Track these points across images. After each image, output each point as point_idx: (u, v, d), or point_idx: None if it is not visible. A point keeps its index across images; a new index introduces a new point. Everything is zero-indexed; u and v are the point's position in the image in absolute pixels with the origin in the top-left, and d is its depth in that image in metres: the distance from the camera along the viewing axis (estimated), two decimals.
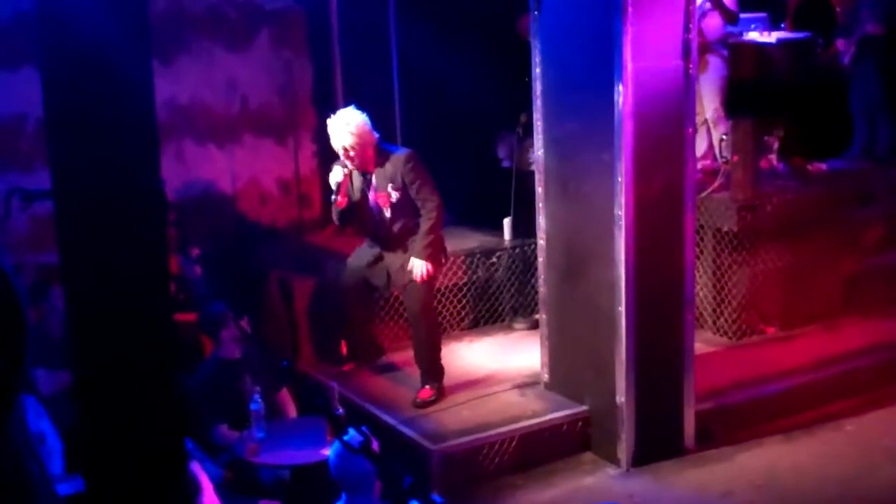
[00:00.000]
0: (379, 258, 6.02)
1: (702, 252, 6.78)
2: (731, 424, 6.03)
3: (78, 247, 2.49)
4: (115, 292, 2.52)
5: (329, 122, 5.84)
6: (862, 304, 7.21)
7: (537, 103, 5.97)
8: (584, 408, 5.93)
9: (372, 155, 5.82)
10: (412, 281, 5.89)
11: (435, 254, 5.94)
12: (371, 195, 5.88)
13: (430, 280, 5.99)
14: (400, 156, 5.85)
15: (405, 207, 5.86)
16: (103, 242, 2.48)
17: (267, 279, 6.83)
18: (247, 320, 5.80)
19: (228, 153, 7.31)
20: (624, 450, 5.68)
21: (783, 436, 6.00)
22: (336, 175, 5.86)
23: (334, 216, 6.02)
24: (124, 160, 2.47)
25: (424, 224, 5.84)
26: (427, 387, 6.06)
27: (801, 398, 6.26)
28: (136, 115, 2.45)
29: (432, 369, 6.10)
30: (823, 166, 7.65)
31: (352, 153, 5.77)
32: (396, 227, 5.92)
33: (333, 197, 5.88)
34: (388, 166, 5.83)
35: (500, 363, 6.67)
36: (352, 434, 4.20)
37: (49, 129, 2.58)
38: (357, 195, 5.89)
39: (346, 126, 5.74)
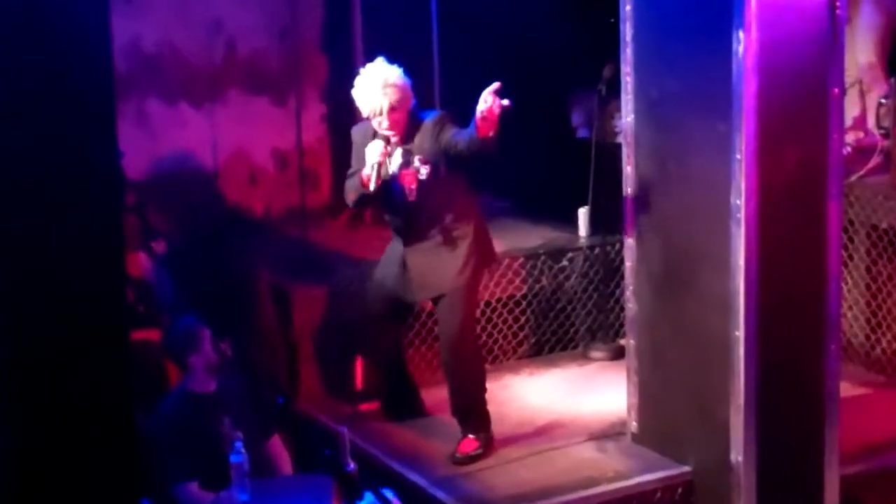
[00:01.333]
0: (404, 264, 6.05)
1: (851, 257, 6.82)
2: (891, 494, 6.04)
3: (5, 239, 2.51)
4: (54, 300, 2.54)
5: (362, 75, 5.87)
6: None
7: (626, 53, 5.98)
8: (687, 468, 5.95)
9: (405, 123, 5.86)
10: (447, 294, 5.93)
11: (473, 256, 5.97)
12: (403, 178, 5.91)
13: (472, 289, 6.02)
14: (434, 117, 5.91)
15: (437, 190, 5.89)
16: (39, 234, 2.49)
17: (257, 285, 6.87)
18: (227, 341, 5.84)
19: (208, 115, 7.36)
20: None
21: None
22: (375, 151, 5.87)
23: (351, 196, 6.05)
24: (68, 125, 2.48)
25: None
26: (470, 436, 6.07)
27: None
28: (84, 64, 2.45)
29: (476, 412, 6.11)
30: None
31: (395, 118, 5.80)
32: (425, 216, 5.95)
33: (367, 173, 5.87)
34: (417, 137, 5.88)
35: (571, 405, 6.68)
36: (368, 499, 4.22)
37: None
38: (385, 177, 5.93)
39: (390, 79, 5.78)
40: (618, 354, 6.91)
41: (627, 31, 5.95)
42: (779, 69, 5.44)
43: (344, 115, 6.08)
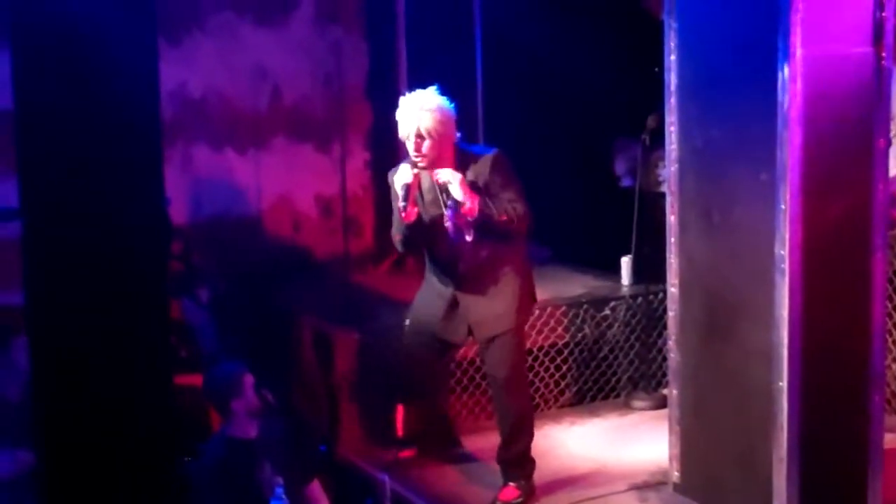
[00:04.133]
0: (454, 304, 6.02)
1: None
2: None
3: (50, 284, 2.52)
4: (99, 345, 2.54)
5: (402, 100, 5.86)
6: None
7: (671, 102, 5.98)
8: None
9: (451, 156, 5.85)
10: (499, 335, 5.90)
11: (523, 296, 5.98)
12: (448, 213, 5.88)
13: (522, 330, 6.02)
14: (487, 156, 5.89)
15: (492, 230, 5.87)
16: (84, 279, 2.50)
17: (299, 332, 6.89)
18: (269, 387, 5.85)
19: (253, 161, 7.41)
20: None
21: None
22: (404, 175, 5.85)
23: (397, 237, 6.01)
24: (116, 170, 2.50)
25: (512, 221, 5.81)
26: (511, 484, 6.04)
27: None
28: (133, 111, 2.47)
29: (521, 460, 6.08)
30: None
31: (426, 145, 5.75)
32: (480, 258, 5.93)
33: (400, 204, 5.84)
34: (471, 173, 5.84)
35: (612, 455, 6.65)
36: None
37: (18, 127, 2.62)
38: (429, 212, 5.90)
39: (428, 104, 5.77)
40: (660, 404, 6.89)
41: (672, 80, 5.95)
42: (823, 120, 5.42)
43: (388, 162, 6.08)
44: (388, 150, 5.96)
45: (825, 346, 5.54)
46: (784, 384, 5.50)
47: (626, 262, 7.38)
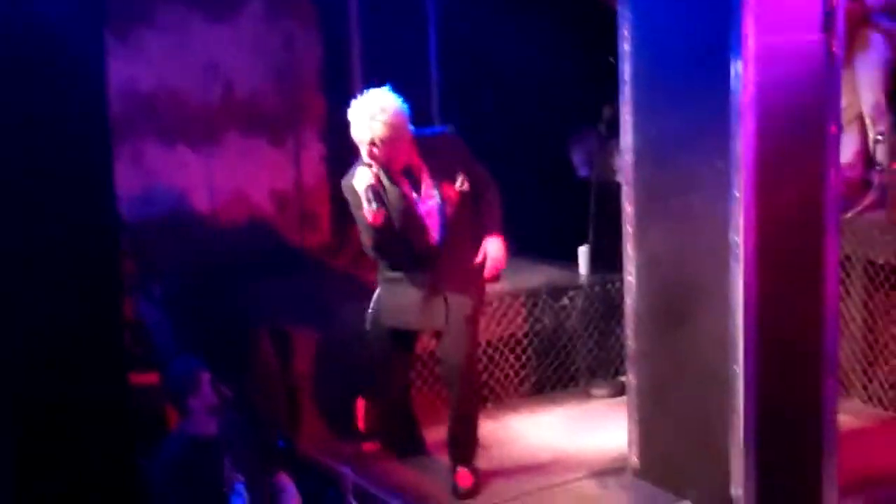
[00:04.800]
0: (434, 289, 6.00)
1: (848, 292, 6.88)
2: None
3: (3, 282, 2.49)
4: (52, 345, 2.52)
5: (354, 104, 5.82)
6: None
7: (625, 92, 6.02)
8: (687, 503, 5.97)
9: (406, 149, 5.85)
10: (468, 317, 5.97)
11: (479, 288, 6.02)
12: (421, 205, 5.90)
13: (477, 323, 6.08)
14: (446, 137, 5.99)
15: (463, 217, 5.94)
16: (35, 278, 2.48)
17: (256, 326, 6.88)
18: (226, 383, 5.83)
19: (205, 157, 7.38)
20: None
21: None
22: (363, 178, 5.82)
23: (368, 243, 5.96)
24: (65, 167, 2.47)
25: (493, 210, 5.99)
26: (464, 469, 6.12)
27: None
28: (81, 108, 2.45)
29: (472, 442, 6.18)
30: None
31: (377, 149, 5.77)
32: (456, 248, 5.96)
33: (369, 207, 5.79)
34: (437, 158, 5.90)
35: (572, 442, 6.71)
36: None
37: None
38: (395, 208, 5.88)
39: (380, 112, 5.74)
40: (618, 391, 6.95)
41: (626, 70, 6.00)
42: (775, 107, 5.49)
43: (344, 154, 6.05)
44: (343, 143, 5.91)
45: (780, 331, 5.63)
46: (740, 369, 5.57)
47: (583, 251, 7.43)
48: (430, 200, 5.89)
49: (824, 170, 5.63)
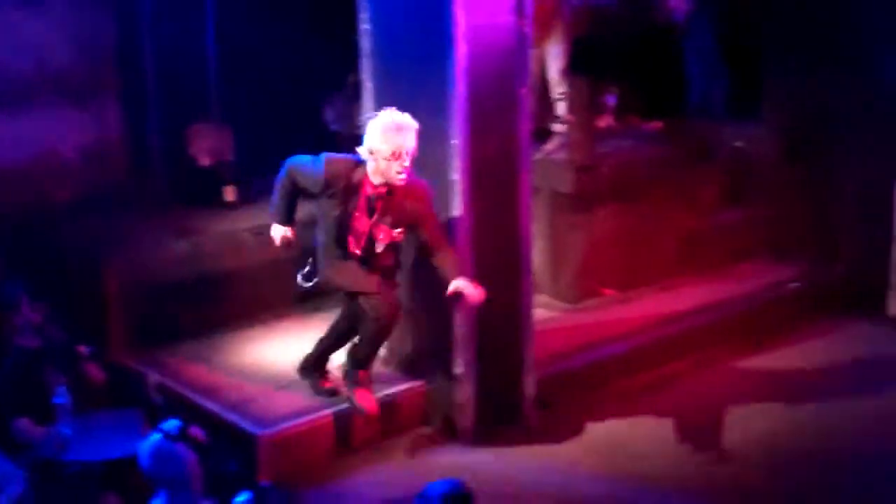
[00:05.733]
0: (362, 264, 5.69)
1: (539, 215, 7.05)
2: (571, 391, 6.46)
3: None
4: None
5: (394, 118, 5.43)
6: (699, 263, 7.82)
7: (366, 63, 6.12)
8: (421, 382, 6.17)
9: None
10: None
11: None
12: (367, 222, 5.59)
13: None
14: (425, 190, 5.60)
15: (388, 251, 5.70)
16: None
17: (69, 258, 6.78)
18: (43, 305, 5.77)
19: (20, 121, 7.22)
20: (464, 423, 6.00)
21: (623, 399, 6.52)
22: (279, 233, 5.74)
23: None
24: None
25: (453, 257, 5.64)
26: (364, 371, 5.93)
27: (640, 360, 6.81)
28: None
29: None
30: (659, 125, 8.19)
31: (406, 163, 5.42)
32: (373, 265, 5.69)
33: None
34: (404, 199, 5.54)
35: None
36: (171, 424, 4.33)
37: None
38: (348, 212, 5.58)
39: (413, 125, 5.43)
40: None
41: (367, 45, 6.07)
42: (481, 75, 5.71)
43: (139, 113, 5.91)
44: (138, 105, 5.79)
45: (489, 246, 5.89)
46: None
47: None
48: (384, 228, 5.60)
49: (518, 122, 5.88)
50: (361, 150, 5.52)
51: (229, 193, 7.41)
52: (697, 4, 8.33)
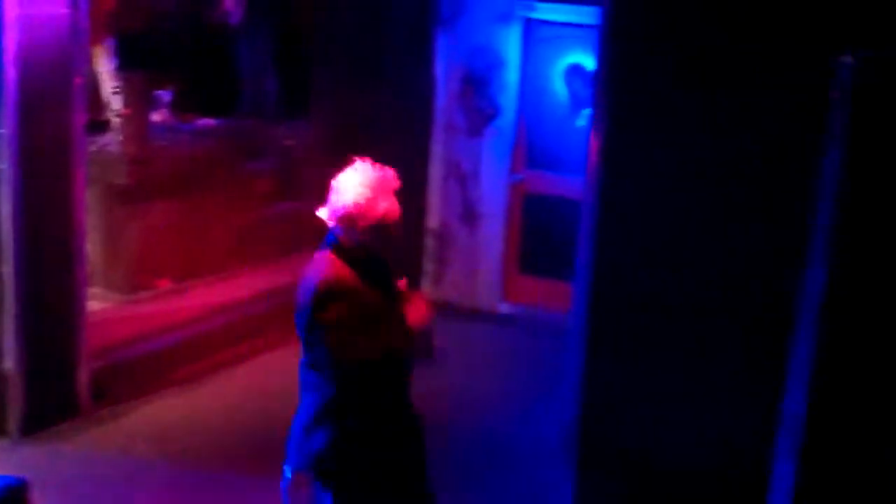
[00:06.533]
0: None
1: (94, 207, 7.02)
2: (126, 381, 6.51)
3: None
4: None
5: (373, 171, 4.21)
6: (253, 255, 8.13)
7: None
8: None
9: None
10: None
11: None
12: None
13: None
14: None
15: None
16: None
17: None
18: None
19: None
20: (13, 419, 5.89)
21: (176, 388, 6.69)
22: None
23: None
24: None
25: None
26: None
27: (194, 349, 6.99)
28: None
29: None
30: (212, 122, 8.43)
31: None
32: None
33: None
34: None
35: None
36: None
37: None
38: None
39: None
40: None
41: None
42: (34, 64, 5.64)
43: None
44: None
45: (42, 238, 5.82)
46: (10, 269, 5.72)
47: None
48: None
49: (72, 113, 5.87)
50: None
51: None
52: (253, 10, 8.63)
